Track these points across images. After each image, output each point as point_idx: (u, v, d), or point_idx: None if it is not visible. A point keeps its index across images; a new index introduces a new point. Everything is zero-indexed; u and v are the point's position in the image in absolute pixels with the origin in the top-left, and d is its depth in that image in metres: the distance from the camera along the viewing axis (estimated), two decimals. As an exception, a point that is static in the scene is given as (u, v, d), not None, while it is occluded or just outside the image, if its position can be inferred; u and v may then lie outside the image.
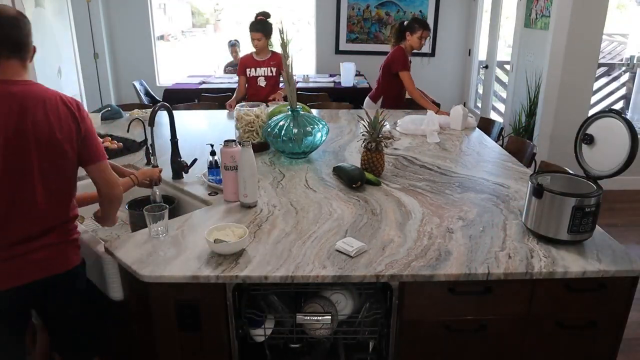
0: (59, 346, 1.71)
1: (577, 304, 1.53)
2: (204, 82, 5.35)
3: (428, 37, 3.62)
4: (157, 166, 2.03)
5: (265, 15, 3.65)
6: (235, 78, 5.61)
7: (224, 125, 3.18)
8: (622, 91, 5.79)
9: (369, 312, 1.63)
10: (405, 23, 3.67)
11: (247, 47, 4.46)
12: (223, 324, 1.50)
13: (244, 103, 2.68)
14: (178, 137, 2.16)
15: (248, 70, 3.77)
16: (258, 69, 3.76)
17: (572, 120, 3.86)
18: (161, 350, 1.54)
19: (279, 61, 3.61)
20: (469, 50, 6.33)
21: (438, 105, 3.66)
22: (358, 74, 5.69)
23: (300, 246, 1.56)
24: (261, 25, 3.63)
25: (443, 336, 1.54)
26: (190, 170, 2.17)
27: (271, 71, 3.76)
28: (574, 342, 1.59)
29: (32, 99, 1.38)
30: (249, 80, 3.80)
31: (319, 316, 1.58)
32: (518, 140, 2.96)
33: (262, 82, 3.77)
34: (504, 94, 5.60)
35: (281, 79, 3.64)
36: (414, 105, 3.64)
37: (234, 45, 6.08)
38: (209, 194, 1.99)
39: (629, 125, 1.48)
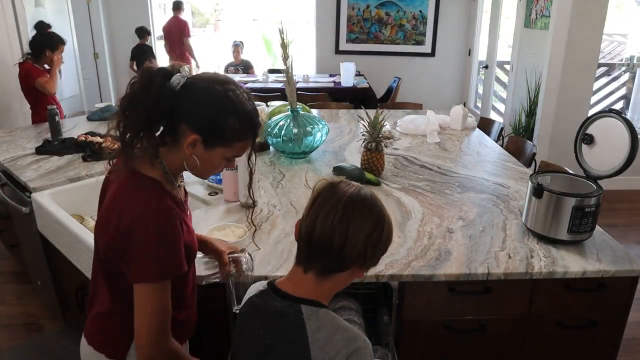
0: None
1: (577, 304, 1.53)
2: (204, 82, 5.33)
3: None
4: None
5: None
6: (236, 78, 5.63)
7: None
8: (622, 91, 5.79)
9: None
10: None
11: (249, 48, 4.46)
12: (223, 322, 1.51)
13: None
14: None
15: None
16: None
17: (572, 120, 3.85)
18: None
19: None
20: (469, 50, 6.33)
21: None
22: (358, 74, 5.69)
23: (300, 246, 1.56)
24: None
25: (443, 336, 1.54)
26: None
27: None
28: (574, 342, 1.59)
29: None
30: None
31: None
32: (518, 140, 2.96)
33: None
34: (504, 94, 5.60)
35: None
36: None
37: (237, 46, 6.06)
38: (209, 194, 1.99)
39: (629, 125, 1.48)
